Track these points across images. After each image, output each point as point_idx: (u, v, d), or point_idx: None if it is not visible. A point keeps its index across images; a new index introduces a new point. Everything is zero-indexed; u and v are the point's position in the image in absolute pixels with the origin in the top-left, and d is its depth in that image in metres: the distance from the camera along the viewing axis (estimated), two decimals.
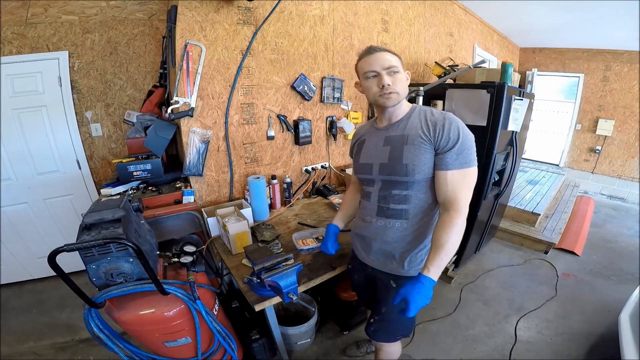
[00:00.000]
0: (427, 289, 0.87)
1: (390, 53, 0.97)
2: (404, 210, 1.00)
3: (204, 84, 1.59)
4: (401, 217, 1.01)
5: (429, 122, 0.95)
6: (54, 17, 1.89)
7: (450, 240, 0.88)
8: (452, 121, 0.93)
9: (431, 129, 0.93)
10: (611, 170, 4.65)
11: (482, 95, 1.92)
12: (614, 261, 2.75)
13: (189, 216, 1.60)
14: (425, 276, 0.88)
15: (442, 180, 0.93)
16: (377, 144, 1.05)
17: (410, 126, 0.98)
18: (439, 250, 0.89)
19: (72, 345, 1.79)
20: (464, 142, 0.91)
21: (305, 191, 2.17)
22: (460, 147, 0.90)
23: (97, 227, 0.96)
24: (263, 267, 1.07)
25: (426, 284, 0.87)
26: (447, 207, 0.93)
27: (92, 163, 2.24)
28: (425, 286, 0.87)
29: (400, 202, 1.00)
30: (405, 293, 0.88)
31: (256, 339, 1.55)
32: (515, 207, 3.18)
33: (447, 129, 0.91)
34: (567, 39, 4.28)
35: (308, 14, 1.88)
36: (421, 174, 0.95)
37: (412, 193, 0.98)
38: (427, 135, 0.94)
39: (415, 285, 0.87)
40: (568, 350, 1.79)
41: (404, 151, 0.96)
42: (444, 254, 0.88)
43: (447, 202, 0.93)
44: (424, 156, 0.94)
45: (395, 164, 0.98)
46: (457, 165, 0.91)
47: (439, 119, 0.94)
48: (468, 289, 2.34)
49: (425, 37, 2.82)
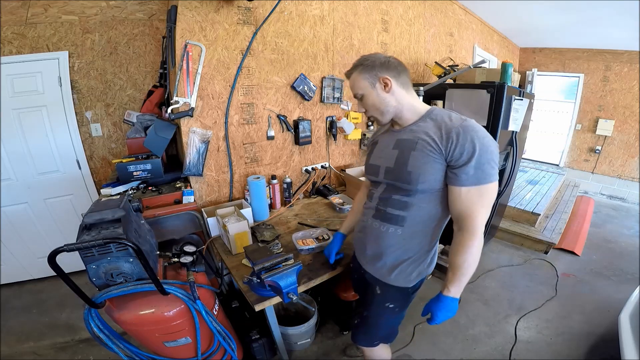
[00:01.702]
0: (449, 306, 0.90)
1: (356, 72, 0.94)
2: (400, 216, 0.96)
3: (204, 84, 1.59)
4: (397, 223, 0.97)
5: (443, 129, 0.86)
6: (54, 17, 1.89)
7: (466, 263, 0.86)
8: (468, 131, 0.82)
9: (444, 138, 0.84)
10: (611, 170, 4.65)
11: (482, 95, 1.92)
12: (614, 261, 2.75)
13: (189, 216, 1.60)
14: (445, 296, 0.89)
15: (456, 197, 0.85)
16: (387, 145, 1.00)
17: (422, 130, 0.90)
18: (456, 272, 0.87)
19: (72, 345, 1.79)
20: (482, 156, 0.80)
21: (305, 191, 2.17)
22: (477, 161, 0.81)
23: (97, 227, 0.96)
24: (263, 267, 1.07)
25: (447, 303, 0.89)
26: (461, 226, 0.87)
27: (92, 163, 2.24)
28: (446, 305, 0.89)
29: (399, 208, 0.96)
30: (430, 309, 0.93)
31: (256, 339, 1.55)
32: (515, 207, 3.18)
33: (461, 140, 0.81)
34: (567, 39, 4.28)
35: (308, 14, 1.88)
36: (426, 184, 0.88)
37: (413, 201, 0.93)
38: (437, 143, 0.85)
39: (437, 304, 0.91)
40: (568, 350, 1.79)
41: (410, 157, 0.90)
42: (460, 275, 0.87)
43: (461, 221, 0.86)
44: (431, 166, 0.86)
45: (400, 169, 0.92)
46: (473, 182, 0.82)
47: (454, 127, 0.84)
48: (468, 289, 2.34)
49: (425, 37, 2.82)
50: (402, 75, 0.93)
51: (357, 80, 0.94)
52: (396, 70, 0.92)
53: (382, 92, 0.92)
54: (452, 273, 0.88)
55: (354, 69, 0.95)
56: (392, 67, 0.92)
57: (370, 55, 0.94)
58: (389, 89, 0.92)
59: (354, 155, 2.46)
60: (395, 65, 0.93)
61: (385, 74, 0.91)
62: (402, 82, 0.93)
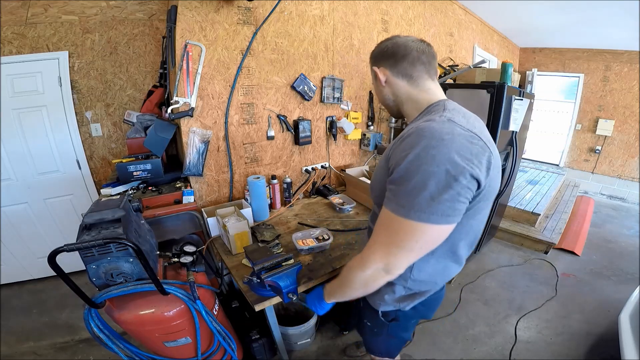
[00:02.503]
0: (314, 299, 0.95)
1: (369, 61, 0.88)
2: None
3: (204, 84, 1.59)
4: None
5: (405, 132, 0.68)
6: (54, 17, 1.89)
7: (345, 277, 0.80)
8: (421, 132, 0.61)
9: (396, 142, 0.69)
10: (611, 170, 4.65)
11: (482, 95, 1.92)
12: (614, 261, 2.75)
13: (189, 216, 1.60)
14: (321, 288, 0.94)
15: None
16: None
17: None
18: (337, 279, 0.87)
19: (72, 345, 1.79)
20: (408, 172, 0.59)
21: (305, 191, 2.17)
22: (399, 176, 0.61)
23: (97, 227, 0.96)
24: (263, 267, 1.07)
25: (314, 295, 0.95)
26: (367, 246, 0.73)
27: (92, 163, 2.24)
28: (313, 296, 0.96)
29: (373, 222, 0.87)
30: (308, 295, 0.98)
31: (256, 339, 1.55)
32: (515, 207, 3.18)
33: (401, 145, 0.64)
34: (567, 39, 4.28)
35: (308, 14, 1.88)
36: (381, 198, 0.71)
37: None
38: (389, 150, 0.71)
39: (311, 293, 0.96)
40: (568, 350, 1.79)
41: (378, 168, 0.79)
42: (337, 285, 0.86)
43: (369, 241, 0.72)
44: (383, 178, 0.72)
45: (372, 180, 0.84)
46: (391, 203, 0.64)
47: (412, 127, 0.67)
48: (468, 289, 2.34)
49: (425, 37, 2.82)
50: (401, 63, 0.78)
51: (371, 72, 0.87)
52: (393, 58, 0.79)
53: (380, 85, 0.84)
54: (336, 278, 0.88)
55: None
56: (390, 56, 0.79)
57: (382, 41, 0.84)
58: (384, 81, 0.82)
59: (354, 155, 2.46)
60: (393, 52, 0.79)
61: (380, 65, 0.82)
62: (401, 71, 0.78)
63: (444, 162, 0.57)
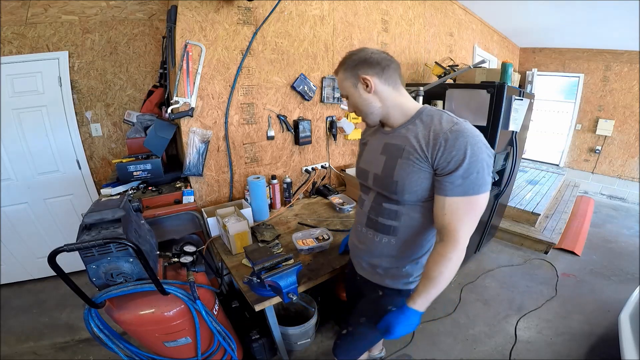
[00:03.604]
0: (410, 319, 0.83)
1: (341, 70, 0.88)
2: (392, 227, 0.91)
3: (204, 84, 1.59)
4: (389, 233, 0.92)
5: (431, 133, 0.78)
6: (54, 17, 1.89)
7: (441, 276, 0.79)
8: (459, 135, 0.74)
9: (431, 143, 0.77)
10: (611, 170, 4.65)
11: (482, 95, 1.92)
12: (614, 261, 2.75)
13: (189, 216, 1.60)
14: (409, 308, 0.82)
15: (440, 207, 0.79)
16: (376, 149, 0.93)
17: (412, 135, 0.82)
18: (428, 283, 0.81)
19: (72, 345, 1.79)
20: (472, 164, 0.73)
21: (305, 191, 2.17)
22: (465, 170, 0.73)
23: (97, 227, 0.96)
24: (263, 267, 1.07)
25: (410, 315, 0.82)
26: (443, 237, 0.80)
27: (92, 163, 2.24)
28: (408, 318, 0.82)
29: (390, 218, 0.91)
30: (389, 321, 0.85)
31: (256, 339, 1.55)
32: (515, 207, 3.18)
33: (449, 147, 0.74)
34: (567, 39, 4.28)
35: (308, 14, 1.88)
36: (412, 195, 0.83)
37: (403, 210, 0.88)
38: (424, 150, 0.78)
39: (399, 317, 0.83)
40: (568, 350, 1.79)
41: (397, 166, 0.83)
42: (432, 287, 0.80)
43: (444, 231, 0.79)
44: (418, 175, 0.80)
45: (386, 178, 0.87)
46: (460, 192, 0.75)
47: (442, 131, 0.76)
48: (468, 289, 2.34)
49: (425, 37, 2.82)
50: (387, 71, 0.84)
51: (342, 80, 0.88)
52: (379, 66, 0.83)
53: (364, 93, 0.85)
54: (423, 284, 0.82)
55: (339, 68, 0.89)
56: (375, 64, 0.83)
57: (355, 51, 0.87)
58: (371, 89, 0.84)
59: (354, 155, 2.46)
60: (379, 60, 0.83)
61: (367, 73, 0.83)
62: (387, 78, 0.84)
63: (486, 149, 0.76)
